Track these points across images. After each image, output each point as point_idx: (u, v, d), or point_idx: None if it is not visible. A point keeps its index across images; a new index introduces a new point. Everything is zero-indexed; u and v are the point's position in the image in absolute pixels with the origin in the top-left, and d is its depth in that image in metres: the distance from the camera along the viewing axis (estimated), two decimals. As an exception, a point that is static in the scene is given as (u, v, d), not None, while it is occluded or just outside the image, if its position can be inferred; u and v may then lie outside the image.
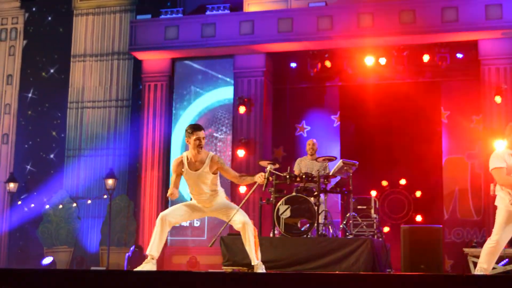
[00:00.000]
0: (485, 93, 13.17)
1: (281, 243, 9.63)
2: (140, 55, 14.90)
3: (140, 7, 15.83)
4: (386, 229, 12.73)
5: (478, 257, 7.56)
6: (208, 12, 14.47)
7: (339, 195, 11.01)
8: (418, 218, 13.56)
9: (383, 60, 13.79)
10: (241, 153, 13.97)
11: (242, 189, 13.66)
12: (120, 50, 15.95)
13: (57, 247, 15.28)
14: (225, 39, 14.21)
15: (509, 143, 7.47)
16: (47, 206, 15.48)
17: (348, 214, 10.32)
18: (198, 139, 6.96)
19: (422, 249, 10.15)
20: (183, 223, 13.93)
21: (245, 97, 14.13)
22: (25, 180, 15.93)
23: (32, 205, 15.65)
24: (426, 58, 13.67)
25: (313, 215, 9.70)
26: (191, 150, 7.06)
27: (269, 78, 14.60)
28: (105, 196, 14.75)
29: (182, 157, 7.13)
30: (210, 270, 11.03)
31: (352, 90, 14.52)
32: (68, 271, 6.21)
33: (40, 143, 16.17)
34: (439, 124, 14.08)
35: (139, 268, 6.89)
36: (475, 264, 8.24)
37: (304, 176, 10.11)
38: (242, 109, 14.09)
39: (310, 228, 9.75)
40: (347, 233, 10.22)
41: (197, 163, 7.03)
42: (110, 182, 14.60)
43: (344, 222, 10.43)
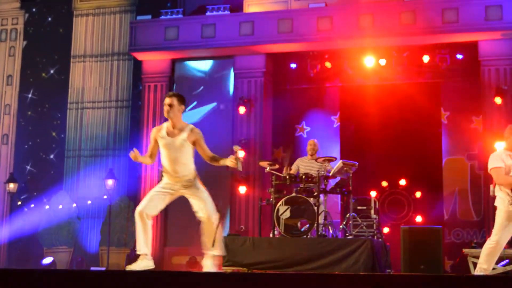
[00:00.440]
0: (485, 94, 13.16)
1: (281, 244, 9.65)
2: (140, 56, 14.90)
3: (140, 8, 15.83)
4: (386, 230, 12.74)
5: (478, 258, 7.57)
6: (208, 13, 14.47)
7: (339, 196, 11.02)
8: (418, 219, 13.55)
9: (383, 61, 13.79)
10: (241, 154, 13.90)
11: (242, 190, 13.66)
12: (120, 51, 15.95)
13: (57, 247, 15.27)
14: (225, 40, 14.20)
15: (508, 145, 7.50)
16: (47, 207, 15.48)
17: (348, 215, 10.32)
18: (165, 105, 7.03)
19: (422, 250, 10.14)
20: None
21: (245, 98, 14.11)
22: (25, 181, 15.94)
23: (32, 206, 15.65)
24: (426, 59, 13.67)
25: (313, 216, 9.71)
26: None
27: (269, 79, 14.59)
28: (105, 197, 14.74)
29: (163, 125, 7.16)
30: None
31: (352, 91, 14.52)
32: (68, 271, 6.21)
33: (40, 144, 16.17)
34: (439, 125, 14.08)
35: (136, 267, 6.85)
36: (475, 265, 8.23)
37: (304, 177, 10.11)
38: (242, 110, 14.07)
39: (310, 229, 9.76)
40: (347, 234, 10.22)
41: (176, 131, 7.03)
42: (110, 183, 14.61)
43: (344, 223, 10.43)
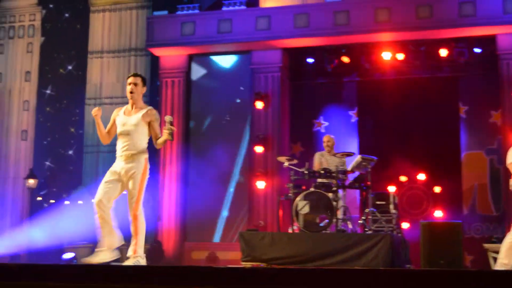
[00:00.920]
0: (504, 88, 13.08)
1: (300, 239, 9.65)
2: (157, 51, 14.93)
3: (157, 3, 15.85)
4: (405, 225, 12.68)
5: (498, 253, 7.54)
6: (225, 8, 14.48)
7: (358, 191, 10.97)
8: (437, 214, 13.49)
9: (401, 56, 13.72)
10: (259, 149, 13.90)
11: (261, 185, 13.64)
12: (137, 46, 16.02)
13: (77, 243, 15.35)
14: (242, 35, 14.20)
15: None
16: (67, 202, 15.57)
17: (367, 210, 10.29)
18: (129, 84, 7.03)
19: (442, 245, 10.08)
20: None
21: (262, 93, 14.10)
22: (44, 176, 16.04)
23: (52, 201, 15.75)
24: (444, 53, 13.58)
25: (332, 211, 9.70)
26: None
27: (286, 74, 14.56)
28: (124, 192, 14.75)
29: (124, 106, 7.20)
30: (229, 266, 11.04)
31: (370, 86, 14.46)
32: (89, 266, 6.27)
33: (59, 140, 16.28)
34: (458, 119, 14.01)
35: (93, 259, 6.90)
36: (495, 260, 8.20)
37: (323, 172, 10.10)
38: (260, 105, 14.05)
39: (329, 224, 9.75)
40: (366, 229, 10.18)
41: (133, 111, 7.07)
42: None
43: (363, 218, 10.40)
